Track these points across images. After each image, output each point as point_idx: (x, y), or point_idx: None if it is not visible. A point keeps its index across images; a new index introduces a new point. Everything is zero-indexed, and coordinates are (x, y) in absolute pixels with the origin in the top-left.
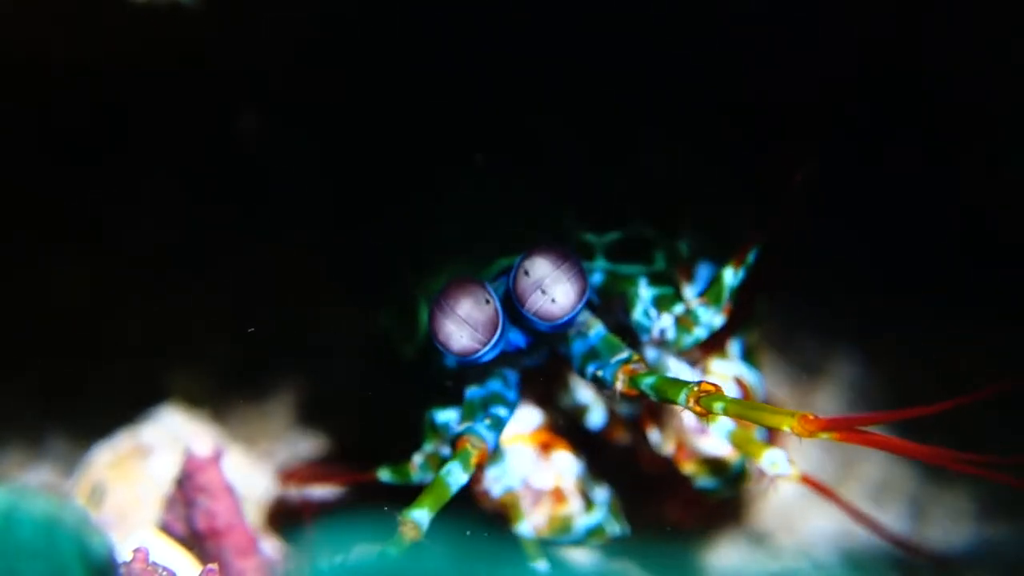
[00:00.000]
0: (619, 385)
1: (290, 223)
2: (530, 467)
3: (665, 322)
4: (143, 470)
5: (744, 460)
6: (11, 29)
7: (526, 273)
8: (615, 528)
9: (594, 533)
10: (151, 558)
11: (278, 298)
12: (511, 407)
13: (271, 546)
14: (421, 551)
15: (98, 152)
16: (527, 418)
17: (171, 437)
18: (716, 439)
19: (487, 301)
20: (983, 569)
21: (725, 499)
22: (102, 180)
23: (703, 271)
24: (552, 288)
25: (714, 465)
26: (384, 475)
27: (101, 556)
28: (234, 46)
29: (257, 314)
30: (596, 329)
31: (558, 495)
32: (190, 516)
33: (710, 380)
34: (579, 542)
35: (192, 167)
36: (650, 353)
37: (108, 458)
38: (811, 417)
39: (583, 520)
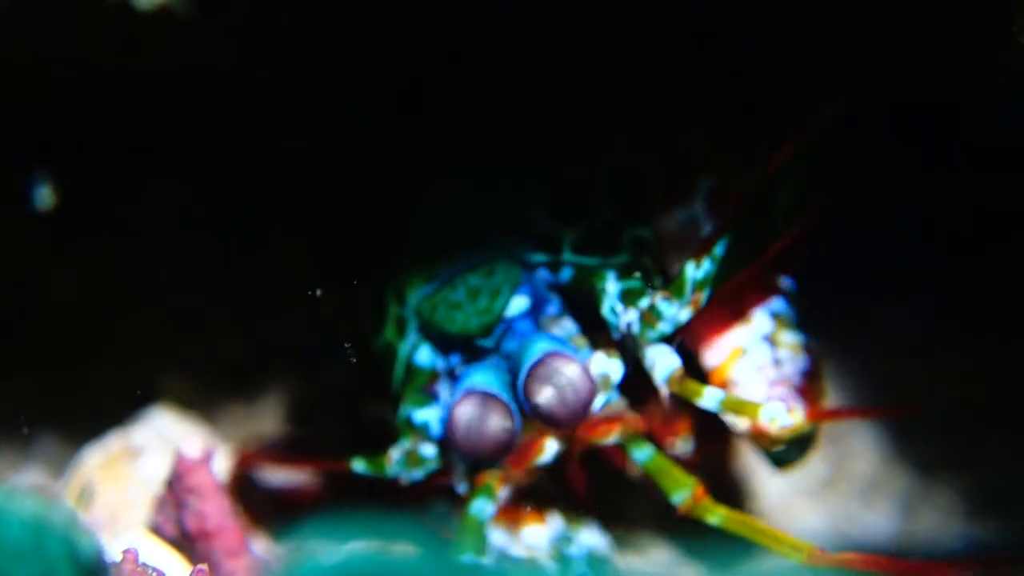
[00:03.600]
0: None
1: (278, 225)
2: (503, 543)
3: (631, 316)
4: (133, 471)
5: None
6: (8, 27)
7: (537, 400)
8: None
9: None
10: (141, 559)
11: (267, 299)
12: None
13: (262, 547)
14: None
15: (93, 153)
16: None
17: (161, 438)
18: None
19: (508, 423)
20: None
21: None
22: (91, 183)
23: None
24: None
25: (791, 436)
26: (358, 465)
27: (90, 557)
28: (228, 49)
29: (246, 315)
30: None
31: (532, 563)
32: (180, 517)
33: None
34: None
35: (186, 170)
36: (627, 343)
37: (98, 459)
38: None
39: None
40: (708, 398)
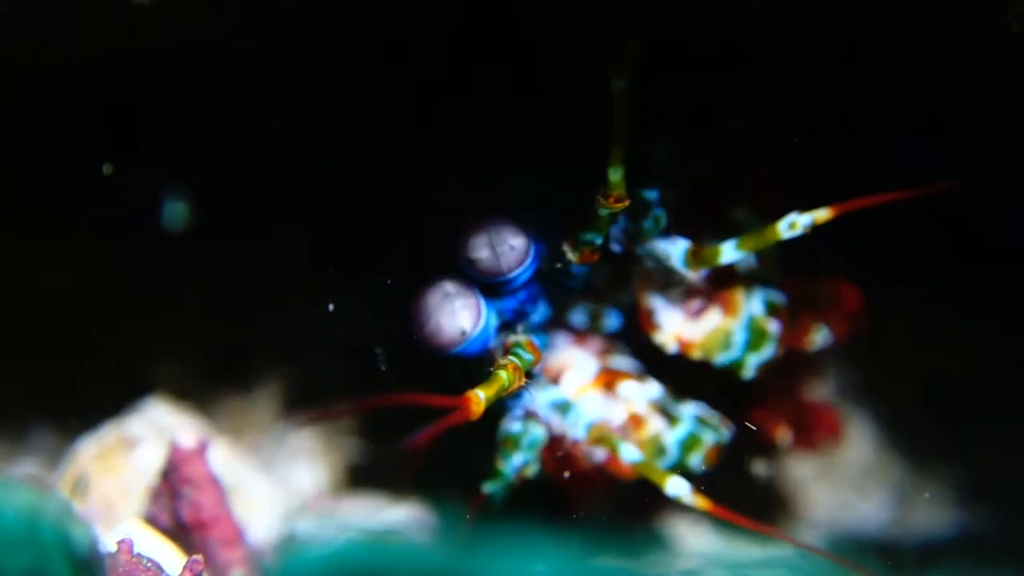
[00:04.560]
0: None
1: (278, 224)
2: (601, 408)
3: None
4: (128, 462)
5: (749, 321)
6: (5, 26)
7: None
8: (711, 436)
9: (690, 445)
10: (136, 549)
11: (264, 290)
12: (536, 311)
13: (257, 537)
14: (414, 543)
15: (86, 149)
16: (585, 368)
17: (156, 429)
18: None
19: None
20: (964, 555)
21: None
22: (89, 177)
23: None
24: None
25: (718, 339)
26: (490, 488)
27: (84, 547)
28: (228, 48)
29: (243, 306)
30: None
31: (636, 420)
32: (176, 508)
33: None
34: (681, 460)
35: (179, 164)
36: (631, 250)
37: (93, 450)
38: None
39: (672, 435)
40: (726, 253)
